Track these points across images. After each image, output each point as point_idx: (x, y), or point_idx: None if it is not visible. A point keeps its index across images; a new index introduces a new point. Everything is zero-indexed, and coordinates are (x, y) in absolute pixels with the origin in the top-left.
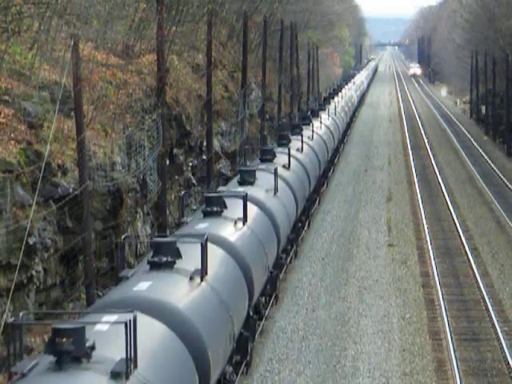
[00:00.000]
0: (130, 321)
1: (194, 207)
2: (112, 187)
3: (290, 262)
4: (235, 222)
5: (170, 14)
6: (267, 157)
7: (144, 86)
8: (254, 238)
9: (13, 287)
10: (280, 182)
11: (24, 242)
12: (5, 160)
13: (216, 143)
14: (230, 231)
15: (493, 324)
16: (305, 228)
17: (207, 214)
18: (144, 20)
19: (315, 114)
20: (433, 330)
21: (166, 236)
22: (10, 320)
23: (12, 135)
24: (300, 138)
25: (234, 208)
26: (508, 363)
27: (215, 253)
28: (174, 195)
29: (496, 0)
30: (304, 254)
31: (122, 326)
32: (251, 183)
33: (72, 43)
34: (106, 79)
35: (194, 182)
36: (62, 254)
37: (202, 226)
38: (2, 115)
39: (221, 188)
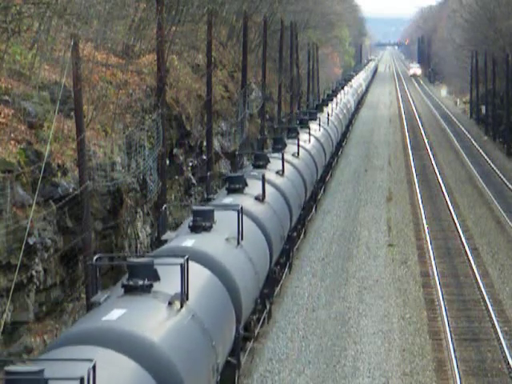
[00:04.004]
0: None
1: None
2: (112, 187)
3: (263, 325)
4: (169, 304)
5: (170, 13)
6: (236, 186)
7: (144, 86)
8: (196, 329)
9: (13, 287)
10: (248, 224)
11: (24, 242)
12: (5, 160)
13: (216, 143)
14: (156, 321)
15: (493, 324)
16: (285, 273)
17: (129, 290)
18: (144, 20)
19: (304, 124)
20: (433, 330)
21: None
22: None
23: (12, 135)
24: (282, 156)
25: (172, 278)
26: (508, 363)
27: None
28: (174, 195)
29: (496, 0)
30: (304, 254)
31: None
32: (207, 229)
33: (72, 43)
34: (106, 79)
35: (193, 181)
36: (62, 254)
37: (115, 314)
38: (2, 115)
39: (168, 235)
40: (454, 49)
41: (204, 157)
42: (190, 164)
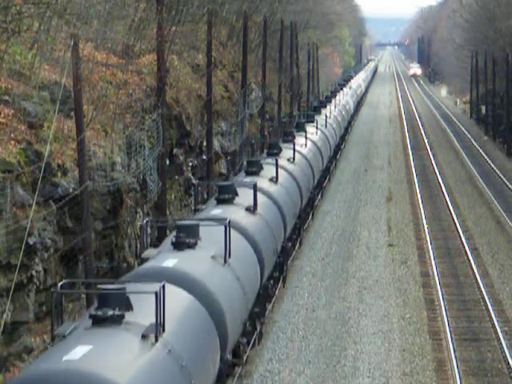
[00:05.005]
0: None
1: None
2: (112, 187)
3: (253, 347)
4: (143, 337)
5: (170, 13)
6: (226, 196)
7: (144, 86)
8: (172, 366)
9: (13, 287)
10: (237, 238)
11: (24, 242)
12: (5, 160)
13: (216, 143)
14: (126, 359)
15: (493, 324)
16: (278, 287)
17: (97, 322)
18: (144, 20)
19: (301, 127)
20: (433, 330)
21: None
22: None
23: (12, 135)
24: (276, 162)
25: (147, 306)
26: (508, 363)
27: None
28: (174, 195)
29: (496, 0)
30: (304, 254)
31: None
32: (191, 246)
33: (72, 43)
34: (106, 79)
35: (193, 181)
36: (62, 254)
37: (78, 352)
38: (2, 115)
39: (149, 252)
40: (454, 49)
41: (204, 157)
42: (190, 164)
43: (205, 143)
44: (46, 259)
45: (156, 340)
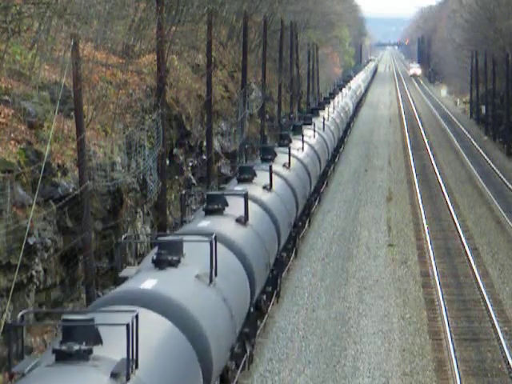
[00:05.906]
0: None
1: (194, 207)
2: (112, 187)
3: (243, 370)
4: (113, 375)
5: (170, 13)
6: (215, 206)
7: (144, 86)
8: None
9: (13, 287)
10: (225, 253)
11: (24, 242)
12: (5, 160)
13: (216, 143)
14: None
15: (493, 324)
16: (272, 303)
17: (61, 358)
18: (144, 20)
19: (298, 129)
20: (433, 330)
21: None
22: (10, 321)
23: (12, 135)
24: (270, 168)
25: (119, 338)
26: (508, 363)
27: None
28: (174, 195)
29: (496, 0)
30: (304, 254)
31: None
32: (173, 264)
33: (72, 43)
34: (106, 79)
35: (194, 181)
36: (62, 254)
37: None
38: (2, 115)
39: (127, 271)
40: (453, 49)
41: (204, 157)
42: (190, 164)
43: (205, 143)
44: (46, 259)
45: (128, 379)
